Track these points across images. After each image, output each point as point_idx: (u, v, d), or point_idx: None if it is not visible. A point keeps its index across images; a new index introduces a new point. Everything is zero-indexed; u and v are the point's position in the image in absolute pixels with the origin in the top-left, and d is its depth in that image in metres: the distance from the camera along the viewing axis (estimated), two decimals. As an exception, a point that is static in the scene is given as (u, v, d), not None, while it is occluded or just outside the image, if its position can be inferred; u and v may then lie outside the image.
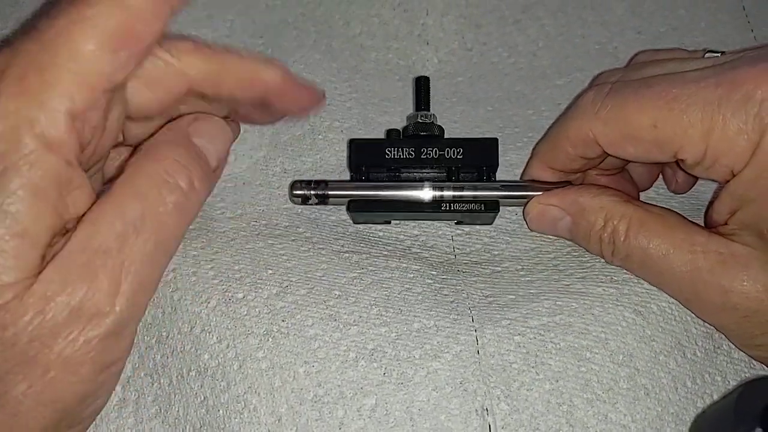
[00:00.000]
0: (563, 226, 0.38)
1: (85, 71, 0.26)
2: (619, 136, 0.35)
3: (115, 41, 0.27)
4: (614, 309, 0.35)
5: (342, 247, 0.39)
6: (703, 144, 0.32)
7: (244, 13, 0.48)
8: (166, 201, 0.29)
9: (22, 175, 0.26)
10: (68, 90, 0.26)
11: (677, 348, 0.35)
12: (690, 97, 0.32)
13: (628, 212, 0.36)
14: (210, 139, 0.33)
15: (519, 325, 0.35)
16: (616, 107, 0.34)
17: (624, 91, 0.34)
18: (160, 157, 0.30)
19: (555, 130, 0.38)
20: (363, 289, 0.36)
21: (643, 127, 0.33)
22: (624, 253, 0.36)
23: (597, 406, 0.33)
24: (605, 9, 0.50)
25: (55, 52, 0.26)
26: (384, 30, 0.49)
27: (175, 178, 0.30)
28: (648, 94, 0.33)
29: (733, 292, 0.33)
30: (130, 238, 0.28)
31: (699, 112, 0.32)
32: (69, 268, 0.27)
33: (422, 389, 0.33)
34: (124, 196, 0.29)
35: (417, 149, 0.40)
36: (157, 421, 0.34)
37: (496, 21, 0.50)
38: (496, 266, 0.39)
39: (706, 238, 0.34)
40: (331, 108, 0.45)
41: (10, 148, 0.25)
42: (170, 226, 0.30)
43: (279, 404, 0.33)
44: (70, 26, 0.26)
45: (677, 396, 0.34)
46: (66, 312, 0.27)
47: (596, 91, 0.36)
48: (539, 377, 0.34)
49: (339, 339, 0.34)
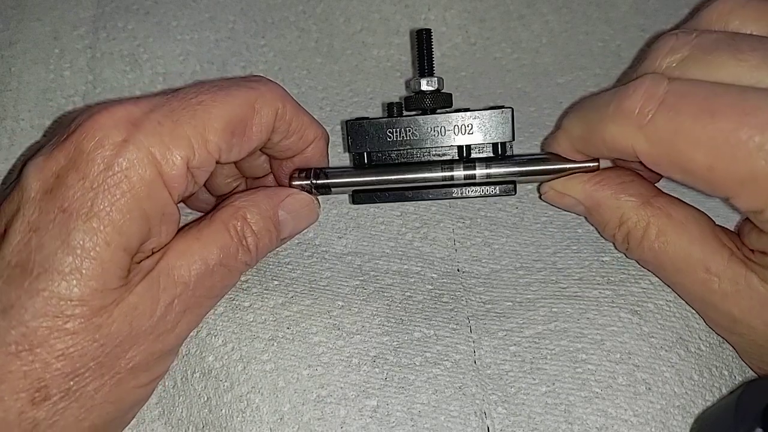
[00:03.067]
0: (578, 210, 0.37)
1: (208, 140, 0.31)
2: (668, 163, 0.30)
3: (233, 129, 0.32)
4: (609, 311, 0.36)
5: (345, 248, 0.39)
6: (763, 200, 0.28)
7: (246, 14, 0.48)
8: (238, 259, 0.34)
9: (139, 198, 0.30)
10: (191, 147, 0.31)
11: (679, 343, 0.35)
12: (758, 145, 0.27)
13: (645, 217, 0.34)
14: (294, 216, 0.37)
15: (515, 335, 0.36)
16: (669, 130, 0.29)
17: (682, 107, 0.29)
18: (245, 220, 0.34)
19: (593, 119, 0.33)
20: (365, 299, 0.37)
21: (698, 165, 0.29)
22: (638, 256, 0.35)
23: (595, 404, 0.34)
24: (610, 6, 0.50)
25: (193, 114, 0.31)
26: (385, 26, 0.49)
27: (249, 243, 0.34)
28: (710, 128, 0.28)
29: (742, 323, 0.32)
30: (205, 279, 0.32)
31: (765, 165, 0.27)
32: (155, 288, 0.31)
33: (422, 392, 0.34)
34: (209, 242, 0.33)
35: (422, 128, 0.36)
36: (159, 423, 0.35)
37: (500, 16, 0.49)
38: (496, 264, 0.39)
39: (725, 264, 0.32)
40: (333, 113, 0.45)
41: (134, 174, 0.30)
42: (232, 278, 0.35)
43: (282, 403, 0.33)
44: (210, 101, 0.32)
45: (683, 389, 0.34)
46: (145, 326, 0.31)
47: (647, 93, 0.30)
48: (535, 382, 0.34)
49: (342, 346, 0.35)
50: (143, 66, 0.46)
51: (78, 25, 0.47)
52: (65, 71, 0.45)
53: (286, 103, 0.34)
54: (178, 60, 0.46)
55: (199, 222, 0.34)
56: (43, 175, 0.30)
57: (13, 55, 0.46)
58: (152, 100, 0.32)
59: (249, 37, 0.48)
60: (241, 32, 0.48)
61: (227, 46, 0.47)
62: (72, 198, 0.29)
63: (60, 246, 0.29)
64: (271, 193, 0.36)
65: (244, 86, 0.33)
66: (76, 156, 0.30)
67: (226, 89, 0.33)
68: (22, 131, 0.44)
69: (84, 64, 0.46)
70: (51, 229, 0.29)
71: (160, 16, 0.47)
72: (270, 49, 0.47)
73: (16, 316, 0.28)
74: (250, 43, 0.47)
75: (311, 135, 0.36)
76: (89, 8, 0.48)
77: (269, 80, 0.35)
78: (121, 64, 0.46)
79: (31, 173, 0.30)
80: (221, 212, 0.34)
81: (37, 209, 0.29)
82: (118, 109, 0.31)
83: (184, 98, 0.32)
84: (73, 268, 0.29)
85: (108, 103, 0.31)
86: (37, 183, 0.30)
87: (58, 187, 0.29)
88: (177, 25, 0.47)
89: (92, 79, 0.45)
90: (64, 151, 0.30)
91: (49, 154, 0.30)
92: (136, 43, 0.46)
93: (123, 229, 0.29)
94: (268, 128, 0.34)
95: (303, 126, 0.36)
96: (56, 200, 0.29)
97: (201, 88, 0.33)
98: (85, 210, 0.29)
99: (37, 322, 0.28)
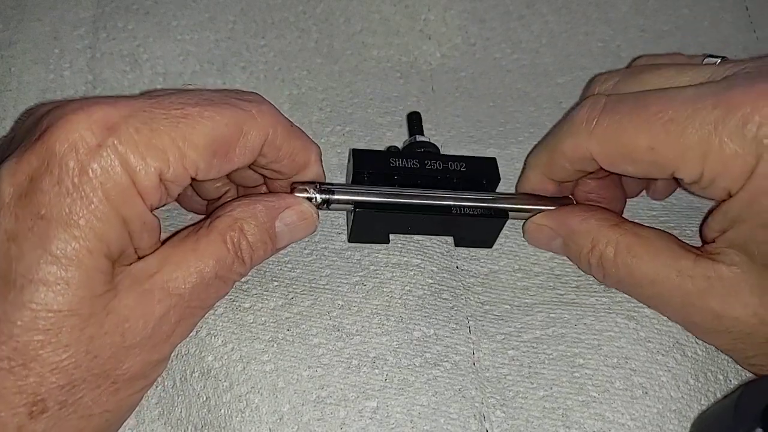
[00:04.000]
0: (556, 246, 0.39)
1: (186, 155, 0.30)
2: (617, 155, 0.34)
3: (216, 149, 0.31)
4: (606, 317, 0.36)
5: (344, 243, 0.40)
6: (700, 166, 0.32)
7: (246, 14, 0.48)
8: (233, 270, 0.33)
9: (116, 205, 0.29)
10: (167, 159, 0.30)
11: (676, 347, 0.36)
12: (687, 119, 0.31)
13: (614, 237, 0.36)
14: (292, 228, 0.36)
15: (513, 339, 0.36)
16: (612, 127, 0.34)
17: (619, 108, 0.34)
18: (242, 231, 0.33)
19: (551, 142, 0.37)
20: (365, 297, 0.37)
21: (641, 149, 0.33)
22: (615, 278, 0.36)
23: (593, 407, 0.34)
24: (609, 6, 0.50)
25: (174, 126, 0.30)
26: (385, 26, 0.49)
27: (244, 255, 0.33)
28: (644, 115, 0.33)
29: (725, 317, 0.33)
30: (200, 291, 0.32)
31: (696, 135, 0.31)
32: (149, 300, 0.30)
33: (422, 394, 0.34)
34: (206, 254, 0.32)
35: (421, 161, 0.39)
36: (159, 423, 0.35)
37: (500, 16, 0.49)
38: (494, 264, 0.40)
39: (692, 263, 0.34)
40: (333, 114, 0.46)
41: (109, 180, 0.28)
42: (226, 288, 0.34)
43: (281, 404, 0.33)
44: (196, 115, 0.30)
45: (679, 393, 0.34)
46: (140, 337, 0.30)
47: (590, 107, 0.35)
48: (533, 386, 0.35)
49: (342, 347, 0.35)
50: (143, 66, 0.46)
51: (78, 25, 0.47)
52: (65, 71, 0.45)
53: (278, 129, 0.33)
54: (178, 60, 0.46)
55: (195, 229, 0.33)
56: (15, 179, 0.28)
57: (13, 55, 0.46)
58: (133, 103, 0.30)
59: (249, 37, 0.48)
60: (241, 32, 0.48)
61: (227, 46, 0.47)
62: (48, 204, 0.28)
63: (42, 255, 0.28)
64: (270, 204, 0.35)
65: (235, 105, 0.32)
66: (49, 159, 0.28)
67: (216, 105, 0.31)
68: (22, 131, 0.44)
69: (84, 64, 0.46)
70: (30, 238, 0.28)
71: (160, 16, 0.47)
72: (270, 50, 0.47)
73: (5, 331, 0.28)
74: (250, 43, 0.47)
75: (302, 160, 0.35)
76: (89, 8, 0.48)
77: (264, 101, 0.33)
78: (121, 64, 0.46)
79: (3, 177, 0.29)
80: (219, 222, 0.33)
81: (12, 216, 0.28)
82: (94, 109, 0.29)
83: (169, 107, 0.30)
84: (58, 278, 0.28)
85: (83, 101, 0.30)
86: (10, 188, 0.28)
87: (33, 192, 0.28)
88: (177, 25, 0.47)
89: (92, 79, 0.45)
90: (36, 153, 0.28)
91: (20, 157, 0.29)
92: (136, 43, 0.46)
93: (103, 236, 0.29)
94: (253, 153, 0.33)
95: (294, 152, 0.35)
96: (32, 206, 0.28)
97: (189, 99, 0.31)
98: (64, 217, 0.28)
99: (27, 336, 0.28)
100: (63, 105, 0.30)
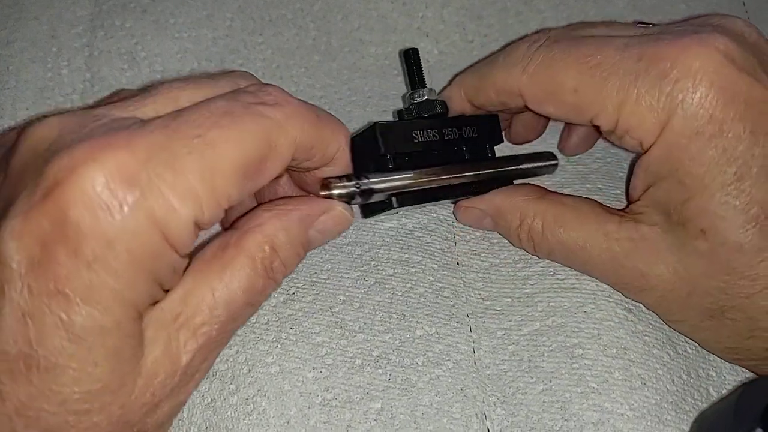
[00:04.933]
0: (487, 224, 0.39)
1: (217, 188, 0.26)
2: (543, 94, 0.35)
3: (246, 171, 0.27)
4: (606, 305, 0.37)
5: (344, 237, 0.40)
6: (615, 115, 0.32)
7: (243, 11, 0.48)
8: (264, 294, 0.30)
9: (144, 265, 0.26)
10: (199, 202, 0.26)
11: (669, 343, 0.36)
12: (612, 66, 0.32)
13: (540, 209, 0.36)
14: (325, 234, 0.33)
15: (513, 333, 0.37)
16: (544, 65, 0.34)
17: (554, 48, 0.34)
18: (274, 250, 0.30)
19: (484, 69, 0.38)
20: (366, 292, 0.37)
21: (566, 89, 0.34)
22: (546, 249, 0.37)
23: (592, 398, 0.34)
24: (606, 2, 0.50)
25: (199, 158, 0.26)
26: (383, 23, 0.49)
27: (276, 275, 0.31)
28: (575, 55, 0.33)
29: (650, 275, 0.34)
30: (228, 325, 0.29)
31: (617, 83, 0.32)
32: (175, 347, 0.28)
33: (425, 394, 0.34)
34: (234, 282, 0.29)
35: (439, 131, 0.38)
36: None
37: (498, 13, 0.49)
38: (494, 257, 0.40)
39: (617, 225, 0.35)
40: (331, 111, 0.45)
41: (135, 243, 0.25)
42: (254, 312, 0.31)
43: (288, 407, 0.34)
44: (219, 140, 0.27)
45: (675, 387, 0.35)
46: (168, 389, 0.28)
47: (529, 44, 0.36)
48: (532, 380, 0.35)
49: (345, 346, 0.35)
50: (141, 64, 0.46)
51: (75, 23, 0.47)
52: (63, 69, 0.45)
53: (306, 128, 0.30)
54: (176, 58, 0.46)
55: (221, 247, 0.30)
56: (24, 243, 0.24)
57: (11, 53, 0.45)
58: (148, 139, 0.26)
59: (247, 34, 0.48)
60: (239, 30, 0.48)
61: (225, 44, 0.47)
62: (66, 278, 0.24)
63: (65, 337, 0.25)
64: (304, 213, 0.32)
65: (257, 113, 0.28)
66: (62, 223, 0.24)
67: (237, 119, 0.27)
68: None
69: (82, 62, 0.45)
70: (48, 316, 0.24)
71: (158, 14, 0.47)
72: (268, 47, 0.47)
73: (34, 418, 0.25)
74: (248, 40, 0.47)
75: (334, 147, 0.32)
76: (87, 6, 0.47)
77: (286, 98, 0.30)
78: (119, 62, 0.46)
79: (8, 241, 0.25)
80: (246, 241, 0.30)
81: (26, 290, 0.24)
82: (107, 157, 0.25)
83: (187, 136, 0.26)
84: (83, 360, 0.25)
85: (92, 143, 0.25)
86: (18, 254, 0.24)
87: (47, 263, 0.24)
88: (175, 23, 0.47)
89: (90, 77, 0.45)
90: (46, 214, 0.24)
91: (27, 215, 0.25)
92: (133, 41, 0.46)
93: (131, 301, 0.26)
94: (284, 162, 0.29)
95: (325, 144, 0.31)
96: (47, 279, 0.24)
97: (206, 119, 0.27)
98: (85, 291, 0.24)
99: (57, 421, 0.25)
100: (70, 149, 0.25)
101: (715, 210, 0.31)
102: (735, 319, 0.33)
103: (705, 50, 0.31)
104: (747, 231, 0.31)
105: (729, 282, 0.32)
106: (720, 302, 0.33)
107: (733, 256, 0.31)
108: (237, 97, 0.29)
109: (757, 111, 0.31)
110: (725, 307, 0.33)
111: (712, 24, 0.33)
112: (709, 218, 0.31)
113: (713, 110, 0.30)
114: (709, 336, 0.35)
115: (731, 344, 0.34)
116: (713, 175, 0.31)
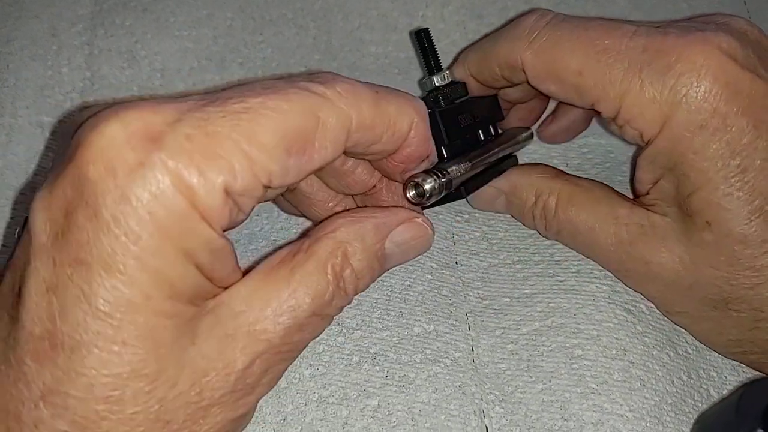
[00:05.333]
0: (500, 205, 0.40)
1: (255, 160, 0.24)
2: (546, 72, 0.35)
3: (289, 145, 0.25)
4: (606, 306, 0.36)
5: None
6: (618, 103, 0.33)
7: (243, 10, 0.48)
8: (333, 305, 0.28)
9: (173, 237, 0.23)
10: (232, 169, 0.24)
11: (669, 344, 0.36)
12: (618, 53, 0.32)
13: (556, 187, 0.37)
14: (404, 249, 0.31)
15: (512, 332, 0.36)
16: (550, 42, 0.34)
17: (562, 27, 0.35)
18: (346, 257, 0.28)
19: (488, 43, 0.38)
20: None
21: (570, 70, 0.34)
22: (555, 228, 0.37)
23: (591, 399, 0.34)
24: (607, 1, 0.50)
25: (235, 124, 0.24)
26: (383, 22, 0.49)
27: (347, 286, 0.28)
28: (583, 37, 0.33)
29: (654, 263, 0.34)
30: (293, 334, 0.27)
31: (622, 71, 0.32)
32: (231, 348, 0.25)
33: (423, 391, 0.34)
34: (301, 288, 0.27)
35: (472, 115, 0.38)
36: None
37: (498, 12, 0.49)
38: (493, 258, 0.40)
39: (628, 211, 0.35)
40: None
41: (159, 208, 0.23)
42: (323, 326, 0.29)
43: (284, 404, 0.34)
44: (259, 108, 0.24)
45: (674, 388, 0.35)
46: (219, 394, 0.25)
47: (537, 18, 0.36)
48: (531, 379, 0.35)
49: (343, 343, 0.35)
50: (141, 62, 0.46)
51: (76, 21, 0.47)
52: (63, 68, 0.45)
53: (362, 106, 0.27)
54: (176, 56, 0.46)
55: (291, 253, 0.28)
56: (51, 213, 0.23)
57: (11, 51, 0.45)
58: (180, 105, 0.24)
59: (247, 33, 0.48)
60: (239, 29, 0.48)
61: (225, 43, 0.47)
62: (86, 243, 0.22)
63: (87, 310, 0.23)
64: (381, 221, 0.30)
65: (304, 88, 0.26)
66: (81, 185, 0.23)
67: (282, 92, 0.25)
68: (20, 128, 0.44)
69: (82, 60, 0.45)
70: (71, 288, 0.23)
71: (158, 13, 0.47)
72: (268, 46, 0.47)
73: (60, 403, 0.23)
74: (248, 39, 0.47)
75: (404, 125, 0.29)
76: (87, 5, 0.47)
77: (337, 77, 0.27)
78: (119, 60, 0.46)
79: (37, 211, 0.24)
80: (319, 246, 0.28)
81: (50, 261, 0.23)
82: (131, 117, 0.23)
83: (225, 102, 0.24)
84: (109, 338, 0.23)
85: (119, 107, 0.24)
86: (45, 224, 0.23)
87: (70, 230, 0.23)
88: (175, 22, 0.47)
89: (90, 75, 0.45)
90: (69, 179, 0.23)
91: (53, 185, 0.24)
92: (133, 39, 0.46)
93: (162, 276, 0.23)
94: (337, 144, 0.26)
95: (391, 122, 0.28)
96: (70, 248, 0.23)
97: (248, 91, 0.25)
98: (106, 259, 0.22)
99: (86, 409, 0.23)
100: (96, 113, 0.24)
101: (720, 202, 0.32)
102: (739, 310, 0.33)
103: (709, 47, 0.31)
104: (751, 222, 0.31)
105: (733, 273, 0.32)
106: (724, 293, 0.33)
107: (738, 247, 0.32)
108: (284, 78, 0.27)
109: (759, 105, 0.31)
110: (729, 298, 0.33)
111: (715, 22, 0.34)
112: (713, 210, 0.32)
113: (717, 104, 0.31)
114: (711, 328, 0.35)
115: (734, 336, 0.34)
116: (717, 168, 0.31)
